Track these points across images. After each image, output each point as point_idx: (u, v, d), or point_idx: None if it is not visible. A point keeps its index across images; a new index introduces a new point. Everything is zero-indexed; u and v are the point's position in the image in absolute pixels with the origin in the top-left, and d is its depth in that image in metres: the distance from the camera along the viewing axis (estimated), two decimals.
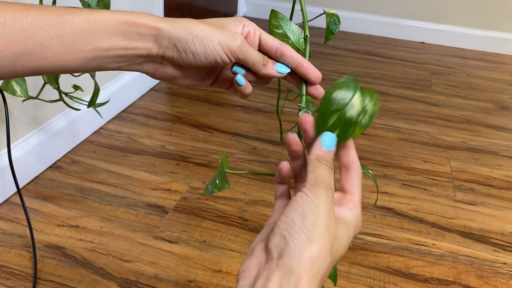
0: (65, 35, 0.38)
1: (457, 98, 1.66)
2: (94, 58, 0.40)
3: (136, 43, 0.40)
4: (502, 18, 2.15)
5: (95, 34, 0.39)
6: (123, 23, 0.39)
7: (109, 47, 0.40)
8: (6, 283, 0.80)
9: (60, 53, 0.38)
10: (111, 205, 1.00)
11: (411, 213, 1.04)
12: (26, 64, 0.38)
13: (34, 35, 0.37)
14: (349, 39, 2.23)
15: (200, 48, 0.40)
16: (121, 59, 0.41)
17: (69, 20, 0.38)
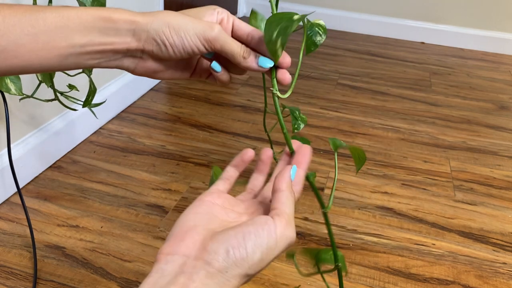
0: (39, 32, 0.37)
1: (457, 98, 1.66)
2: (70, 55, 0.39)
3: (114, 38, 0.39)
4: (502, 18, 2.16)
5: (70, 30, 0.38)
6: (98, 19, 0.39)
7: (85, 43, 0.39)
8: (6, 283, 0.80)
9: (35, 51, 0.38)
10: (111, 205, 1.00)
11: (411, 213, 1.04)
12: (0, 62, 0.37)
13: (7, 33, 0.36)
14: (349, 39, 2.23)
15: (178, 40, 0.40)
16: (99, 55, 0.40)
17: (42, 17, 0.37)
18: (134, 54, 0.41)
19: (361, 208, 1.04)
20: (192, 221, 0.38)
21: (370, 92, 1.66)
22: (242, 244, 0.34)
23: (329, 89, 1.64)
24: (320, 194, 0.50)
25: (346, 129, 1.39)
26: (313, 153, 1.25)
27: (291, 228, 0.37)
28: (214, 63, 0.44)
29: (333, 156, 1.24)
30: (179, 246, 0.35)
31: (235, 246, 0.34)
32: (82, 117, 1.20)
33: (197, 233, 0.36)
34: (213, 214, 0.40)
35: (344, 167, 1.19)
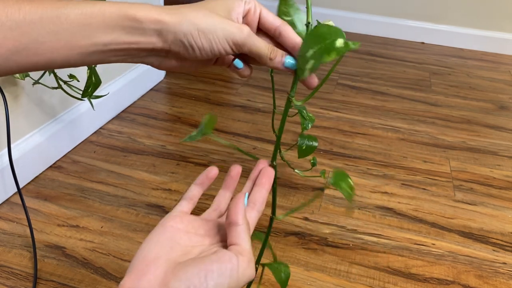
0: (61, 30, 0.36)
1: (457, 98, 1.66)
2: (93, 53, 0.38)
3: (139, 37, 0.38)
4: (501, 18, 2.16)
5: (93, 29, 0.37)
6: (123, 17, 0.37)
7: (109, 42, 0.38)
8: (7, 283, 0.80)
9: (57, 49, 0.36)
10: (112, 205, 1.00)
11: (411, 213, 1.04)
12: (21, 60, 0.36)
13: (28, 31, 0.35)
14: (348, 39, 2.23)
15: (207, 43, 0.38)
16: (122, 53, 0.39)
17: (65, 14, 0.36)
18: (159, 54, 0.40)
19: (361, 208, 1.04)
20: (153, 252, 0.38)
21: (370, 92, 1.66)
22: (204, 284, 0.34)
23: (329, 89, 1.64)
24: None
25: (346, 129, 1.39)
26: (313, 153, 1.25)
27: (252, 266, 0.37)
28: (236, 61, 0.43)
29: (333, 156, 1.24)
30: (141, 281, 0.35)
31: (197, 285, 0.34)
32: (82, 117, 1.20)
33: (159, 266, 0.36)
34: (175, 241, 0.39)
35: (344, 167, 1.19)
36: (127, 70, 1.40)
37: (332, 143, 1.30)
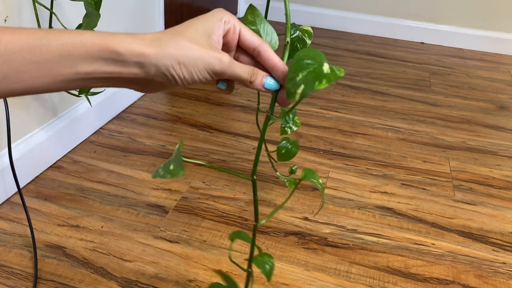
0: (42, 61, 0.36)
1: (457, 98, 1.66)
2: (75, 80, 0.38)
3: (121, 69, 0.38)
4: (501, 18, 2.16)
5: (75, 59, 0.37)
6: (104, 50, 0.37)
7: (91, 71, 0.38)
8: (7, 283, 0.80)
9: (38, 77, 0.36)
10: (112, 204, 1.00)
11: (411, 213, 1.04)
12: (1, 87, 0.36)
13: (8, 60, 0.35)
14: (348, 39, 2.23)
15: (188, 74, 0.39)
16: (105, 80, 0.39)
17: (46, 44, 0.36)
18: (142, 82, 0.40)
19: (360, 208, 1.05)
20: None
21: (370, 92, 1.66)
22: None
23: (329, 89, 1.65)
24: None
25: (346, 129, 1.39)
26: (313, 153, 1.25)
27: None
28: (220, 83, 0.44)
29: (332, 156, 1.24)
30: None
31: None
32: (82, 117, 1.20)
33: None
34: None
35: (344, 167, 1.19)
36: None
37: (332, 143, 1.30)
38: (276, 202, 1.04)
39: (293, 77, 0.40)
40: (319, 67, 0.40)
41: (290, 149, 0.94)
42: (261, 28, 0.47)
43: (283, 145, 0.94)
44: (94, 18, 0.85)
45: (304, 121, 1.41)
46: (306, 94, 0.39)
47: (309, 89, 0.39)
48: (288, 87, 0.40)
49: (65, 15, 1.03)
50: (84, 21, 0.85)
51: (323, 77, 0.39)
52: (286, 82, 0.40)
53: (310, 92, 0.39)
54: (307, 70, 0.39)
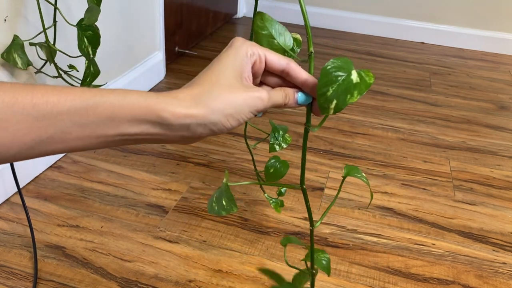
0: (88, 123, 0.36)
1: (457, 98, 1.66)
2: (118, 141, 0.38)
3: (167, 132, 0.38)
4: (501, 18, 2.16)
5: (121, 121, 0.37)
6: (151, 114, 0.37)
7: (136, 133, 0.38)
8: (7, 283, 0.80)
9: (81, 138, 0.36)
10: (112, 205, 1.00)
11: (411, 213, 1.04)
12: (43, 148, 0.36)
13: (54, 123, 0.35)
14: (349, 39, 2.23)
15: (235, 122, 0.40)
16: (148, 141, 0.39)
17: (92, 106, 0.36)
18: (188, 140, 0.41)
19: (361, 208, 1.04)
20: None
21: (370, 92, 1.66)
22: None
23: None
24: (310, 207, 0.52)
25: (346, 129, 1.39)
26: (313, 153, 1.25)
27: None
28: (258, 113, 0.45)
29: (333, 156, 1.24)
30: None
31: None
32: None
33: None
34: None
35: (343, 167, 1.19)
36: (127, 70, 1.40)
37: (332, 143, 1.30)
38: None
39: (324, 92, 0.40)
40: (348, 77, 0.40)
41: (279, 169, 0.86)
42: (273, 30, 0.47)
43: (271, 164, 0.86)
44: (95, 13, 0.86)
45: (304, 121, 1.41)
46: (339, 109, 0.39)
47: (342, 103, 0.39)
48: (320, 103, 0.40)
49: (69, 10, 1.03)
50: (86, 15, 0.87)
51: (353, 89, 0.39)
52: (318, 98, 0.40)
53: (344, 106, 0.39)
54: (336, 83, 0.40)
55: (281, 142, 0.84)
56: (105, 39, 1.21)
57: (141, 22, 1.43)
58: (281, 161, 0.87)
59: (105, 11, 1.20)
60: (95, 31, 0.89)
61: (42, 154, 0.36)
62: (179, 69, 1.72)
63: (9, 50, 0.87)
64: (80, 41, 0.88)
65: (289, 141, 0.86)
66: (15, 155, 0.35)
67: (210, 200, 0.46)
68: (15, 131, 0.34)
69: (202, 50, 1.90)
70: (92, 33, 0.88)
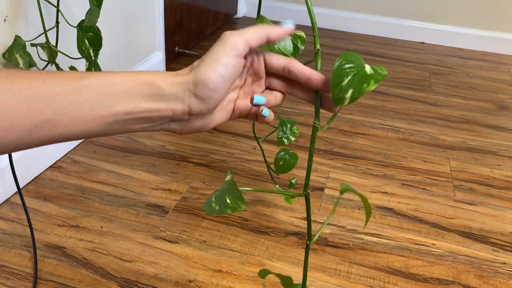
0: (82, 101, 0.36)
1: (457, 98, 1.66)
2: (114, 122, 0.38)
3: (159, 104, 0.39)
4: (502, 18, 2.16)
5: (114, 97, 0.37)
6: (142, 84, 0.38)
7: (130, 111, 0.38)
8: (7, 283, 0.80)
9: (78, 119, 0.37)
10: (111, 205, 1.00)
11: (411, 213, 1.04)
12: (43, 132, 0.36)
13: (51, 102, 0.35)
14: (349, 39, 2.23)
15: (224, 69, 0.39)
16: (143, 121, 0.40)
17: (86, 84, 0.37)
18: (181, 118, 0.41)
19: (361, 208, 1.04)
20: None
21: (370, 92, 1.66)
22: None
23: None
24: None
25: (346, 129, 1.39)
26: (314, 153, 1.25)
27: None
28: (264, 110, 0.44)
29: (333, 156, 1.24)
30: None
31: None
32: None
33: None
34: None
35: (344, 167, 1.19)
36: (127, 70, 1.40)
37: (332, 143, 1.30)
38: (276, 202, 1.04)
39: (339, 82, 0.40)
40: (362, 69, 0.40)
41: (288, 161, 0.89)
42: None
43: (281, 156, 0.88)
44: (95, 14, 0.86)
45: (304, 121, 1.41)
46: (356, 97, 0.39)
47: (359, 92, 0.39)
48: (334, 94, 0.40)
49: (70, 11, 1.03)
50: (87, 17, 0.87)
51: (369, 78, 0.39)
52: (332, 89, 0.40)
53: (360, 95, 0.39)
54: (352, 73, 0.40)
55: (289, 135, 0.86)
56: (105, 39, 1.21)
57: (141, 22, 1.43)
58: (290, 153, 0.89)
59: (106, 11, 1.20)
60: (97, 32, 0.88)
61: (43, 140, 0.36)
62: (179, 69, 1.71)
63: (11, 50, 0.87)
64: (81, 43, 0.88)
65: (297, 134, 0.88)
66: (15, 141, 0.35)
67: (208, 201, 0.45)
68: (13, 114, 0.34)
69: (202, 50, 1.90)
70: (94, 34, 0.88)
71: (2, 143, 0.34)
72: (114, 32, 1.29)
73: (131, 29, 1.37)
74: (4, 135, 0.34)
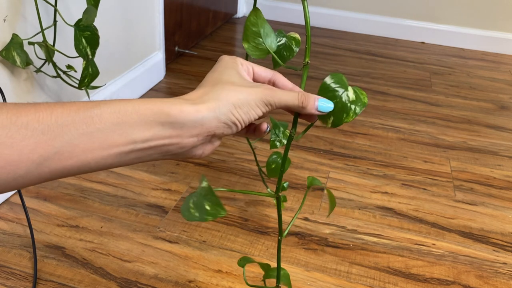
0: (94, 131, 0.34)
1: (457, 98, 1.66)
2: (131, 152, 0.36)
3: (180, 131, 0.37)
4: (502, 18, 2.15)
5: (129, 126, 0.35)
6: (159, 113, 0.36)
7: (148, 138, 0.36)
8: (6, 283, 0.80)
9: (91, 150, 0.35)
10: (111, 205, 1.00)
11: (411, 213, 1.04)
12: (53, 165, 0.34)
13: (61, 134, 0.33)
14: (349, 39, 2.23)
15: (244, 115, 0.39)
16: (164, 149, 0.38)
17: (97, 114, 0.35)
18: (203, 141, 0.40)
19: (361, 208, 1.04)
20: None
21: (370, 92, 1.66)
22: None
23: None
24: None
25: (346, 129, 1.39)
26: (313, 153, 1.25)
27: None
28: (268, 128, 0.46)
29: (333, 156, 1.24)
30: None
31: None
32: None
33: None
34: None
35: (344, 167, 1.19)
36: (127, 70, 1.40)
37: (332, 143, 1.30)
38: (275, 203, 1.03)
39: None
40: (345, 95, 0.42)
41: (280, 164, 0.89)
42: (262, 29, 0.48)
43: (273, 159, 0.87)
44: (92, 14, 0.86)
45: (304, 121, 1.40)
46: (336, 125, 0.42)
47: (339, 121, 0.42)
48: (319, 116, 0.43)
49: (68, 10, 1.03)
50: (84, 16, 0.87)
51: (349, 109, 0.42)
52: None
53: (340, 124, 0.42)
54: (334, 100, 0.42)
55: (281, 138, 0.84)
56: (105, 38, 1.21)
57: (141, 22, 1.43)
58: (282, 156, 0.86)
59: (105, 11, 1.20)
60: (94, 31, 0.88)
61: (54, 172, 0.35)
62: (179, 69, 1.71)
63: (8, 48, 0.87)
64: (78, 42, 0.87)
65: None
66: (24, 176, 0.33)
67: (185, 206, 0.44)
68: (21, 148, 0.32)
69: (202, 50, 1.90)
70: (91, 33, 0.88)
71: (12, 178, 0.33)
72: (114, 32, 1.28)
73: (131, 28, 1.37)
74: (13, 170, 0.33)
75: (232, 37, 2.08)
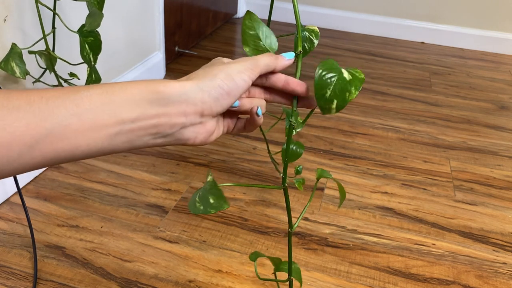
0: (84, 111, 0.35)
1: (457, 98, 1.66)
2: (120, 133, 0.37)
3: (167, 108, 0.38)
4: (502, 18, 2.16)
5: (117, 105, 0.36)
6: (146, 91, 0.37)
7: (136, 117, 0.37)
8: (6, 283, 0.80)
9: (81, 131, 0.35)
10: (111, 205, 1.00)
11: (411, 213, 1.04)
12: (45, 148, 0.35)
13: (51, 115, 0.34)
14: (349, 39, 2.23)
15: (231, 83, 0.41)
16: (154, 130, 0.38)
17: (87, 95, 0.36)
18: (193, 121, 0.40)
19: (361, 208, 1.04)
20: None
21: (370, 92, 1.66)
22: None
23: None
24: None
25: (346, 129, 1.39)
26: (313, 153, 1.25)
27: None
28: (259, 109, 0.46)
29: (333, 156, 1.24)
30: None
31: None
32: None
33: None
34: None
35: (344, 167, 1.19)
36: (127, 70, 1.40)
37: (332, 143, 1.30)
38: (276, 202, 1.04)
39: (323, 94, 0.42)
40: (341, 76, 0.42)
41: (295, 150, 0.90)
42: (260, 32, 0.48)
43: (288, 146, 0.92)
44: (97, 18, 0.84)
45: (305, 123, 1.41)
46: (341, 107, 0.41)
47: (342, 101, 0.41)
48: (320, 104, 0.42)
49: (68, 15, 1.03)
50: (87, 21, 0.84)
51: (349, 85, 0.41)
52: (317, 100, 0.42)
53: (345, 104, 0.41)
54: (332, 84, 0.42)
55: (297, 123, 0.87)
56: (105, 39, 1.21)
57: (141, 22, 1.43)
58: (296, 142, 0.90)
59: (105, 11, 1.20)
60: (97, 37, 0.86)
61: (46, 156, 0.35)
62: (179, 69, 1.71)
63: (7, 59, 0.84)
64: (82, 48, 0.85)
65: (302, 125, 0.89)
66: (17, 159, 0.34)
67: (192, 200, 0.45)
68: (13, 130, 0.33)
69: (202, 50, 1.90)
70: (94, 39, 0.86)
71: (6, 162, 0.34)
72: (114, 32, 1.28)
73: (131, 29, 1.37)
74: (6, 153, 0.33)
75: (232, 37, 2.08)
